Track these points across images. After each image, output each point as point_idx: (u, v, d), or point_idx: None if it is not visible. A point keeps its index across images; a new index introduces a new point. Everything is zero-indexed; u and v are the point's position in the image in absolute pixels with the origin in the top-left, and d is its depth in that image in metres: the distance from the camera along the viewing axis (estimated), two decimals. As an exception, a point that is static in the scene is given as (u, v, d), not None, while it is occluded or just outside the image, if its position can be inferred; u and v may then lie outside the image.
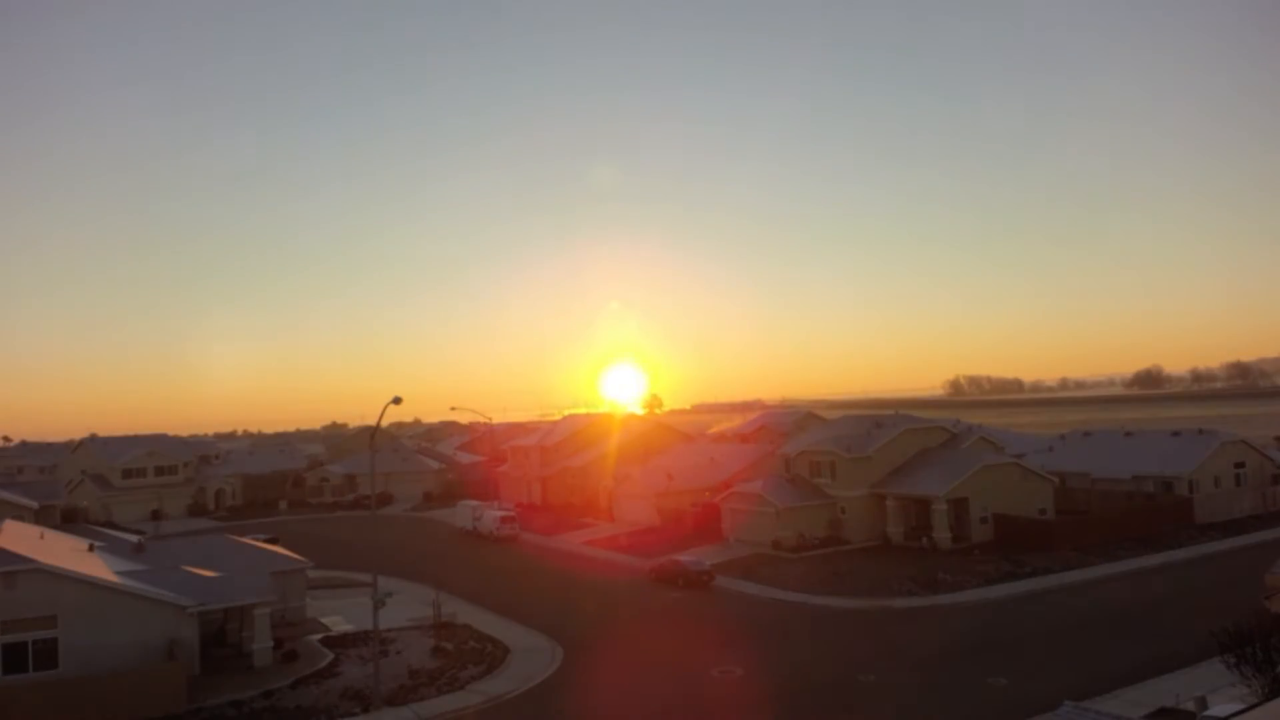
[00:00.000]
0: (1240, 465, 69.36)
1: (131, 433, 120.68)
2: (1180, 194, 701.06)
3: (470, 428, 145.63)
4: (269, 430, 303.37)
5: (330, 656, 40.04)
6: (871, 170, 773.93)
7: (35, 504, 53.94)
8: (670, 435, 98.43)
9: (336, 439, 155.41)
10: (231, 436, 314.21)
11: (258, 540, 54.30)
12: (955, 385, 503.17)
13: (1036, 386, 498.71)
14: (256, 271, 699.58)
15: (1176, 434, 75.47)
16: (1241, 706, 21.50)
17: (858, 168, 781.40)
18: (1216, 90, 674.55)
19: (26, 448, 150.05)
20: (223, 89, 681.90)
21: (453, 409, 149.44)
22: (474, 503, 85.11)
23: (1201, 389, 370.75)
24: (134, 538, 51.79)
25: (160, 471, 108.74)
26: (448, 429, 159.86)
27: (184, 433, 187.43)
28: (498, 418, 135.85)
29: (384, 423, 43.26)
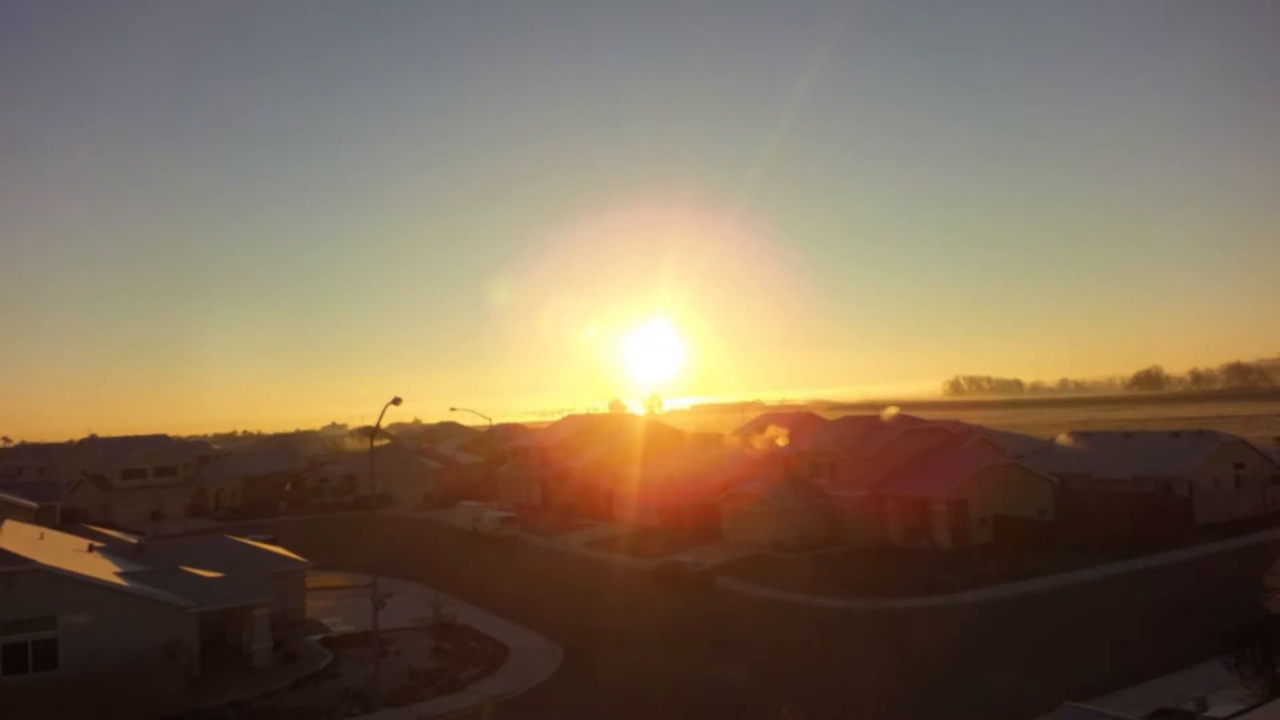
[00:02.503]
0: (1240, 466, 69.36)
1: (131, 433, 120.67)
2: (1180, 193, 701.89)
3: (473, 430, 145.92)
4: (269, 430, 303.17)
5: (330, 657, 40.04)
6: (870, 169, 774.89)
7: (35, 504, 53.86)
8: (670, 435, 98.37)
9: (336, 439, 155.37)
10: (231, 437, 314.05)
11: (257, 541, 54.27)
12: (955, 385, 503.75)
13: (1036, 387, 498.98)
14: (256, 272, 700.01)
15: (1176, 434, 75.51)
16: (1241, 707, 21.54)
17: (856, 166, 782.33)
18: (1217, 89, 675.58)
19: (26, 448, 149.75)
20: (222, 86, 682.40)
21: (452, 409, 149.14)
22: (474, 503, 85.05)
23: (1201, 389, 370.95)
24: (134, 538, 51.77)
25: (160, 472, 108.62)
26: (447, 430, 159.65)
27: (184, 433, 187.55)
28: (497, 418, 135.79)
29: (384, 423, 43.22)
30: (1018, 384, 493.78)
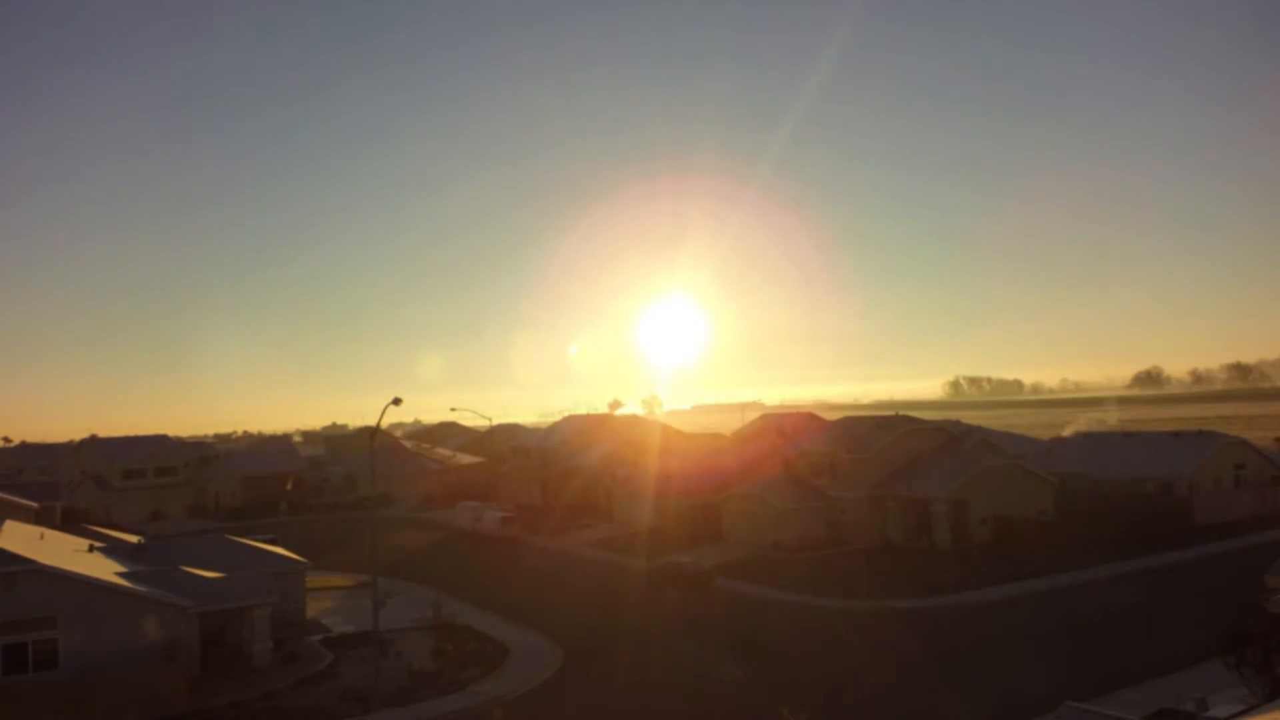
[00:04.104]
0: (1240, 466, 69.36)
1: (132, 434, 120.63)
2: (1181, 193, 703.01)
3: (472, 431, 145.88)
4: (269, 431, 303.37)
5: (330, 658, 40.04)
6: (870, 168, 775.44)
7: (35, 504, 53.84)
8: (670, 435, 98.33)
9: (336, 439, 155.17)
10: (231, 437, 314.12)
11: (259, 541, 54.25)
12: (955, 385, 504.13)
13: (1036, 387, 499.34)
14: (256, 272, 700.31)
15: (1176, 435, 75.49)
16: (1241, 708, 21.54)
17: (856, 165, 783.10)
18: (1217, 90, 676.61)
19: (26, 448, 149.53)
20: (223, 86, 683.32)
21: (453, 409, 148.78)
22: (474, 503, 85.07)
23: (1201, 390, 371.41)
24: (134, 538, 51.72)
25: (160, 472, 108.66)
26: (447, 430, 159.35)
27: (184, 434, 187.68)
28: (497, 418, 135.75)
29: (384, 423, 43.20)
30: (1018, 384, 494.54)
